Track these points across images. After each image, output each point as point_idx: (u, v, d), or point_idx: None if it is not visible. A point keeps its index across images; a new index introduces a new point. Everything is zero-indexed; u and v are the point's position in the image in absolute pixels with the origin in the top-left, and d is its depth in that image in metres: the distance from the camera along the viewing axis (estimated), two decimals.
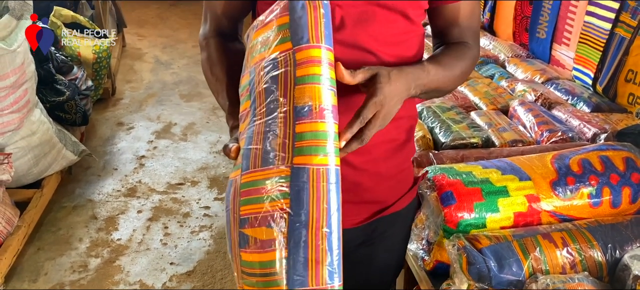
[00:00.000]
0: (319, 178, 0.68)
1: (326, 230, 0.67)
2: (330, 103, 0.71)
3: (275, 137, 0.71)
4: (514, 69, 2.24)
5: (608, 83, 1.86)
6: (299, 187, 0.68)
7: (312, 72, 0.71)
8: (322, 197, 0.67)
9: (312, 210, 0.67)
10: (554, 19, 2.16)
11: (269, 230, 0.68)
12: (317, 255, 0.66)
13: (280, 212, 0.68)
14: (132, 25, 4.97)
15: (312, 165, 0.68)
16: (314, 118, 0.69)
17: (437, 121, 1.79)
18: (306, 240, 0.67)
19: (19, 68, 2.19)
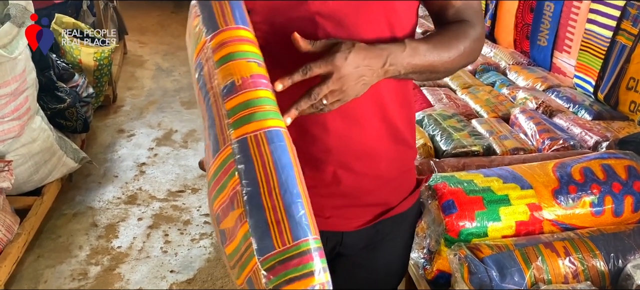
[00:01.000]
0: (258, 143, 0.66)
1: (279, 189, 0.64)
2: (253, 73, 0.71)
3: (214, 125, 0.70)
4: (515, 77, 2.23)
5: (609, 91, 1.86)
6: (244, 159, 0.66)
7: (227, 51, 0.71)
8: (266, 160, 0.65)
9: (260, 175, 0.64)
10: (555, 27, 2.16)
11: (233, 213, 0.65)
12: (276, 216, 0.63)
13: (235, 190, 0.65)
14: (133, 32, 4.98)
15: (248, 134, 0.66)
16: (239, 91, 0.69)
17: (438, 129, 1.79)
18: (261, 205, 0.63)
19: (20, 75, 2.19)
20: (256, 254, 0.62)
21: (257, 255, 0.61)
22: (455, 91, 2.17)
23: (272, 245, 0.61)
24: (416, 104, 2.02)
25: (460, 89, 2.16)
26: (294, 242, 0.61)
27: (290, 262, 0.60)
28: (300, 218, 0.63)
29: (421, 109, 1.95)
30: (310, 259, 0.61)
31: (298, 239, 0.61)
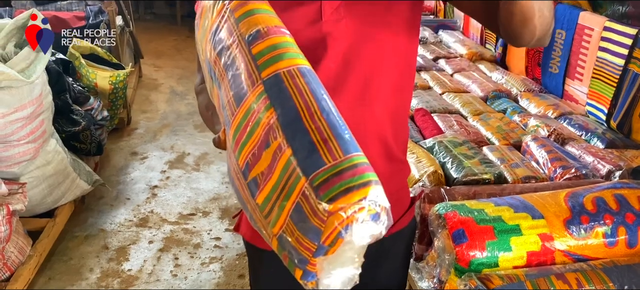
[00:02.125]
0: (293, 76, 0.64)
1: (321, 113, 0.60)
2: (277, 24, 0.71)
3: (239, 74, 0.68)
4: (527, 104, 2.23)
5: (622, 119, 1.85)
6: (278, 91, 0.63)
7: (248, 8, 0.72)
8: (303, 89, 0.62)
9: (298, 102, 0.61)
10: (566, 54, 2.16)
11: (268, 150, 0.61)
12: (322, 135, 0.59)
13: (270, 125, 0.62)
14: (149, 56, 5.05)
15: (280, 70, 0.64)
16: (266, 36, 0.68)
17: (448, 156, 1.78)
18: (304, 128, 0.59)
19: (37, 99, 2.23)
20: (303, 174, 0.57)
21: (305, 175, 0.56)
22: (466, 118, 2.16)
23: (322, 161, 0.56)
24: (426, 130, 2.02)
25: (471, 116, 2.15)
26: (345, 155, 0.57)
27: (345, 173, 0.55)
28: (349, 137, 0.60)
29: (432, 136, 1.95)
30: (366, 170, 0.56)
31: (349, 153, 0.57)
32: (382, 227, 0.55)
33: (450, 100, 2.32)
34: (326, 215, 0.52)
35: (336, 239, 0.53)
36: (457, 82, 2.50)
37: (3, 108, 2.10)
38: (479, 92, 2.37)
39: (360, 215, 0.52)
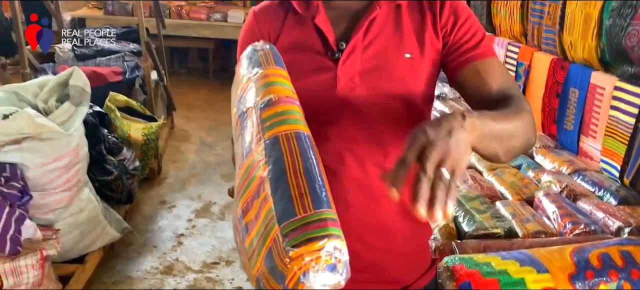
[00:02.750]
0: (288, 139, 0.74)
1: (304, 171, 0.68)
2: (288, 94, 0.83)
3: (249, 134, 0.79)
4: (542, 160, 2.26)
5: (635, 176, 1.87)
6: (274, 150, 0.72)
7: (268, 80, 0.84)
8: (294, 151, 0.72)
9: (287, 160, 0.70)
10: (580, 112, 2.21)
11: (258, 200, 0.69)
12: (300, 190, 0.66)
13: (262, 178, 0.70)
14: (181, 108, 5.27)
15: (280, 133, 0.75)
16: (275, 104, 0.79)
17: (461, 210, 1.83)
18: (287, 183, 0.67)
19: (74, 150, 2.38)
20: (277, 222, 0.64)
21: (278, 223, 0.64)
22: (481, 173, 2.21)
23: (294, 213, 0.64)
24: None
25: (486, 171, 2.20)
26: (315, 210, 0.64)
27: (311, 225, 0.62)
28: (323, 195, 0.67)
29: None
30: (330, 224, 0.63)
31: (319, 209, 0.64)
32: (341, 278, 0.61)
33: None
34: (288, 261, 0.59)
35: (298, 282, 0.60)
36: None
37: (43, 158, 2.25)
38: None
39: (316, 264, 0.59)
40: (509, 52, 2.83)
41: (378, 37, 1.03)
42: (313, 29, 1.05)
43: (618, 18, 1.90)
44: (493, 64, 1.01)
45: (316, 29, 1.04)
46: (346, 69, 1.02)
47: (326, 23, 1.04)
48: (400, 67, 1.02)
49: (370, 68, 1.02)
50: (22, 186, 2.20)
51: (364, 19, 1.02)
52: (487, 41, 1.04)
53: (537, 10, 2.54)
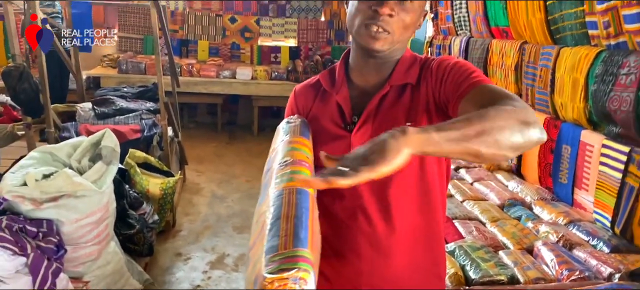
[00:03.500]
0: (290, 193, 0.93)
1: (294, 218, 0.86)
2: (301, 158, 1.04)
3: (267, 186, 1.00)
4: (540, 211, 2.44)
5: (624, 226, 2.05)
6: (278, 200, 0.91)
7: (290, 146, 1.07)
8: (291, 202, 0.90)
9: (284, 209, 0.88)
10: (572, 167, 2.40)
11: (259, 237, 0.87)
12: (287, 231, 0.83)
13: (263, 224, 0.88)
14: (192, 162, 5.46)
15: (286, 187, 0.94)
16: (291, 165, 1.01)
17: (468, 259, 2.00)
18: (279, 226, 0.85)
19: (104, 206, 2.56)
20: (264, 254, 0.80)
21: (265, 255, 0.80)
22: (484, 224, 2.39)
23: (277, 248, 0.80)
24: (448, 235, 2.24)
25: (489, 222, 2.38)
26: (293, 248, 0.80)
27: (287, 259, 0.77)
28: (303, 236, 0.83)
29: (453, 241, 2.17)
30: (303, 260, 0.77)
31: (297, 247, 0.80)
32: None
33: (470, 207, 2.55)
34: (265, 284, 0.75)
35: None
36: (476, 190, 2.75)
37: (77, 214, 2.43)
38: (497, 200, 2.60)
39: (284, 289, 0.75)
40: None
41: (389, 111, 1.19)
42: (335, 104, 1.25)
43: (601, 84, 2.12)
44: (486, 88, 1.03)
45: (337, 104, 1.25)
46: (359, 137, 1.19)
47: (345, 100, 1.24)
48: None
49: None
50: (58, 241, 2.37)
51: (376, 96, 1.20)
52: (479, 72, 1.09)
53: (529, 74, 2.77)
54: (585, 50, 2.29)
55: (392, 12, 1.11)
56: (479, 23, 3.40)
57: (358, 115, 1.21)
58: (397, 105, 1.19)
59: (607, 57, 2.14)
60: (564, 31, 2.50)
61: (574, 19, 2.38)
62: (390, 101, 1.20)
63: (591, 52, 2.25)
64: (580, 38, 2.39)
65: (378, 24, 1.12)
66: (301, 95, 1.34)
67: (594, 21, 2.23)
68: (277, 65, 7.28)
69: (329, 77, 1.30)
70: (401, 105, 1.19)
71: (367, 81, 1.25)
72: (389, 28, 1.13)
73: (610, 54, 2.14)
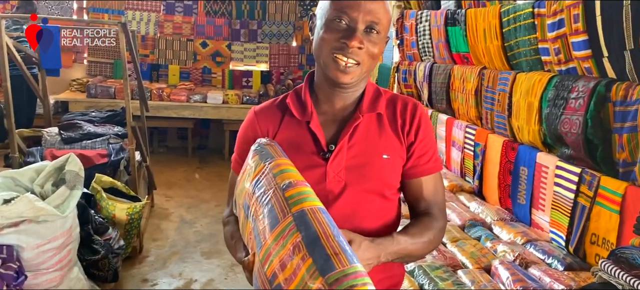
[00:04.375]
0: (314, 212, 0.95)
1: (334, 236, 0.89)
2: (301, 179, 1.04)
3: (273, 208, 1.00)
4: (499, 231, 2.51)
5: (577, 245, 2.12)
6: (304, 221, 0.93)
7: (282, 168, 1.07)
8: (322, 221, 0.93)
9: (318, 228, 0.91)
10: (530, 187, 2.48)
11: (293, 260, 0.88)
12: (334, 249, 0.87)
13: (295, 243, 0.90)
14: (161, 187, 5.41)
15: (306, 207, 0.96)
16: (296, 186, 1.01)
17: (426, 278, 2.04)
18: (321, 244, 0.88)
19: (67, 231, 2.54)
20: (321, 274, 0.84)
21: (322, 275, 0.84)
22: (445, 244, 2.44)
23: (334, 267, 0.84)
24: None
25: (450, 243, 2.43)
26: (350, 264, 0.85)
27: (350, 276, 0.83)
28: (352, 253, 0.88)
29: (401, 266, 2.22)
30: (363, 275, 0.84)
31: (353, 263, 0.85)
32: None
33: None
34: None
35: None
36: None
37: (38, 239, 2.40)
38: (458, 221, 2.66)
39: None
40: (467, 133, 3.14)
41: (361, 140, 1.25)
42: (307, 132, 1.27)
43: (554, 107, 2.22)
44: (432, 180, 1.30)
45: (310, 132, 1.26)
46: (334, 166, 1.23)
47: (318, 127, 1.26)
48: (379, 166, 1.25)
49: (354, 166, 1.24)
50: (18, 267, 2.33)
51: (350, 125, 1.25)
52: (436, 156, 1.32)
53: (489, 98, 2.87)
54: (539, 76, 2.39)
55: (361, 45, 1.17)
56: (441, 49, 3.51)
57: (333, 144, 1.26)
58: (370, 135, 1.27)
59: (559, 82, 2.24)
60: (519, 57, 2.60)
61: (528, 45, 2.48)
62: (363, 130, 1.27)
63: (544, 77, 2.35)
64: (535, 63, 2.49)
65: (347, 56, 1.17)
66: (263, 117, 1.33)
67: (546, 47, 2.33)
68: (249, 89, 7.32)
69: (298, 103, 1.31)
70: (374, 134, 1.27)
71: (335, 108, 1.29)
72: (359, 59, 1.19)
73: (561, 79, 2.24)
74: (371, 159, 1.25)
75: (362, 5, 1.16)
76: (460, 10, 3.16)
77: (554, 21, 2.22)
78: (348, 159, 1.24)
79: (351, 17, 1.16)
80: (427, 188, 1.29)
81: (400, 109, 1.30)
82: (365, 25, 1.17)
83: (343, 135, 1.25)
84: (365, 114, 1.27)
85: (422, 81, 3.87)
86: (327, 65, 1.20)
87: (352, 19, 1.16)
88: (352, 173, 1.24)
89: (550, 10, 2.25)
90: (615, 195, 1.92)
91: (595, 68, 2.06)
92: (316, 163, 1.25)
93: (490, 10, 2.79)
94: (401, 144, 1.28)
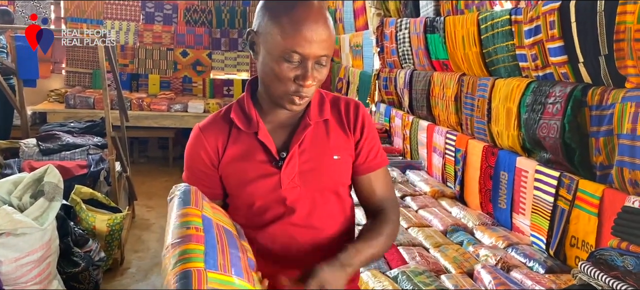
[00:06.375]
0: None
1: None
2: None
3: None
4: (481, 236, 2.53)
5: (557, 248, 2.15)
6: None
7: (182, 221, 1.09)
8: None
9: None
10: (510, 192, 2.51)
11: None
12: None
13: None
14: (142, 197, 5.36)
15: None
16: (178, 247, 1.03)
17: (410, 284, 2.05)
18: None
19: (46, 244, 2.50)
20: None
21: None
22: (428, 249, 2.45)
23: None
24: (393, 262, 2.30)
25: (432, 248, 2.44)
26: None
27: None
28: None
29: (397, 267, 2.22)
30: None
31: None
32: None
33: (414, 234, 2.62)
34: None
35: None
36: (421, 217, 2.82)
37: (16, 253, 2.36)
38: (440, 226, 2.68)
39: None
40: (448, 139, 3.17)
41: (311, 144, 1.29)
42: (256, 142, 1.29)
43: (532, 113, 2.25)
44: (381, 174, 1.37)
45: (259, 142, 1.28)
46: (288, 173, 1.27)
47: (267, 137, 1.28)
48: (330, 167, 1.30)
49: (307, 169, 1.28)
50: None
51: (300, 132, 1.29)
52: (382, 152, 1.38)
53: (468, 104, 2.90)
54: (517, 81, 2.43)
55: (314, 80, 1.19)
56: (421, 56, 3.54)
57: (284, 151, 1.29)
58: (319, 138, 1.31)
59: (536, 88, 2.27)
60: (497, 63, 2.64)
61: (506, 52, 2.52)
62: (312, 135, 1.31)
63: (522, 83, 2.39)
64: (513, 69, 2.53)
65: (302, 95, 1.20)
66: (210, 134, 1.31)
67: (524, 54, 2.37)
68: (230, 98, 7.30)
69: (242, 115, 1.31)
70: (322, 137, 1.31)
71: (281, 117, 1.32)
72: (310, 92, 1.22)
73: (538, 85, 2.28)
74: (322, 160, 1.29)
75: (313, 41, 1.13)
76: (439, 18, 3.20)
77: (530, 28, 2.26)
78: (300, 164, 1.28)
79: (303, 54, 1.14)
80: (377, 183, 1.37)
81: (343, 109, 1.34)
82: (316, 60, 1.17)
83: (294, 142, 1.28)
84: (313, 121, 1.30)
85: (403, 88, 3.90)
86: (281, 98, 1.22)
87: (304, 57, 1.15)
88: (305, 176, 1.28)
89: (526, 16, 2.29)
90: (593, 198, 1.96)
91: (572, 73, 2.10)
92: (269, 172, 1.28)
93: (468, 17, 2.82)
94: (349, 143, 1.33)
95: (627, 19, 1.74)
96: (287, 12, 1.13)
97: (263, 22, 1.18)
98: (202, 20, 7.59)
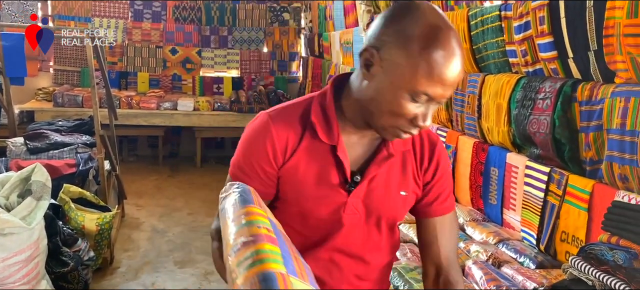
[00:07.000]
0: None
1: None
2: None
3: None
4: (472, 231, 2.54)
5: (548, 243, 2.16)
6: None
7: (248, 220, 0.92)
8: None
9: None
10: (500, 188, 2.52)
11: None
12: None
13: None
14: (131, 196, 5.32)
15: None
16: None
17: (401, 280, 2.05)
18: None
19: (34, 243, 2.47)
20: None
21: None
22: None
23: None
24: None
25: None
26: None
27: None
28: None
29: None
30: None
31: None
32: None
33: (405, 230, 2.62)
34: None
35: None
36: None
37: (4, 252, 2.33)
38: None
39: None
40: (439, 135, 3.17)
41: (386, 174, 1.17)
42: (331, 156, 1.14)
43: (522, 108, 2.26)
44: (448, 220, 1.23)
45: (334, 158, 1.14)
46: (354, 199, 1.15)
47: (345, 155, 1.14)
48: (395, 202, 1.18)
49: (372, 198, 1.16)
50: None
51: (381, 161, 1.16)
52: (452, 196, 1.25)
53: (459, 101, 2.91)
54: (507, 77, 2.44)
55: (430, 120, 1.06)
56: None
57: (359, 174, 1.17)
58: (394, 171, 1.19)
59: (526, 83, 2.28)
60: (487, 59, 2.64)
61: (496, 48, 2.53)
62: (388, 165, 1.18)
63: (512, 78, 2.40)
64: (503, 65, 2.53)
65: (412, 132, 1.07)
66: (282, 128, 1.15)
67: (513, 50, 2.38)
68: (220, 96, 7.26)
69: (324, 122, 1.15)
70: (397, 171, 1.19)
71: (362, 137, 1.18)
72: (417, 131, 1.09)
73: (528, 80, 2.28)
74: (390, 194, 1.18)
75: (449, 86, 1.00)
76: None
77: (520, 23, 2.26)
78: (367, 190, 1.16)
79: (434, 97, 1.00)
80: (442, 231, 1.22)
81: (419, 142, 1.22)
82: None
83: (372, 170, 1.16)
84: (397, 151, 1.18)
85: None
86: (384, 130, 1.09)
87: (432, 98, 1.00)
88: (369, 206, 1.17)
89: (516, 12, 2.30)
90: (583, 193, 1.97)
91: (561, 69, 2.11)
92: (337, 192, 1.15)
93: (458, 13, 2.83)
94: (418, 181, 1.21)
95: (616, 14, 1.74)
96: (428, 49, 0.97)
97: (392, 48, 1.01)
98: (191, 18, 7.54)
